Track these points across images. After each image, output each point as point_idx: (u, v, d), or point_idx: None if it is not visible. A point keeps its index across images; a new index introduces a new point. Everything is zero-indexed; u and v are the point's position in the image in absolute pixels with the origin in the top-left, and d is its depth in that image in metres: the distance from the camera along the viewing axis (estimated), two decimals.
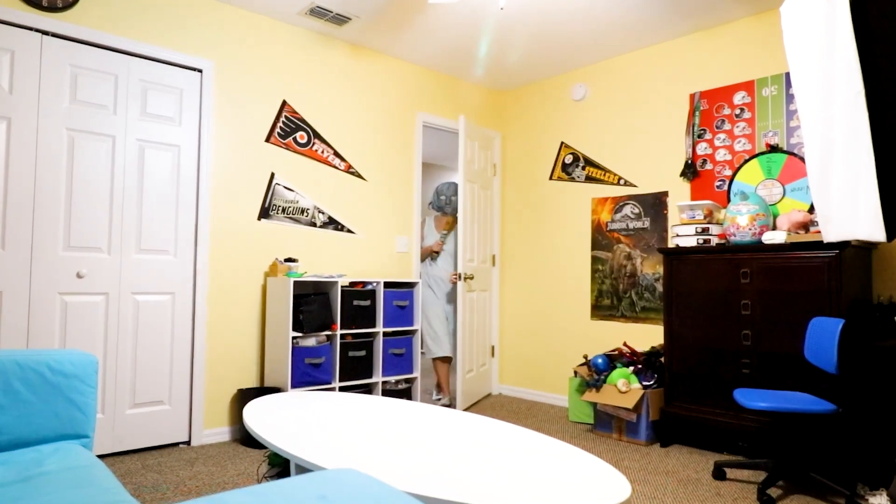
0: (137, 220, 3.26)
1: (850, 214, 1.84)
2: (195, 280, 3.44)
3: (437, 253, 4.59)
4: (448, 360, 4.55)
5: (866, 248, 3.10)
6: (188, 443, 3.40)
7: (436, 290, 4.59)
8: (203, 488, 2.71)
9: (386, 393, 3.93)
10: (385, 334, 3.99)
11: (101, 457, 3.12)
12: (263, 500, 0.67)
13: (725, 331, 3.23)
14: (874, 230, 1.74)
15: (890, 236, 1.74)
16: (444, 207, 4.60)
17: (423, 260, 4.62)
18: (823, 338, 2.62)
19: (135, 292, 3.24)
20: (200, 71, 3.49)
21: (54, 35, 3.02)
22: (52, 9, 2.99)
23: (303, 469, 2.00)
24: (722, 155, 3.78)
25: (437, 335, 4.48)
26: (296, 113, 3.88)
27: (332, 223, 4.04)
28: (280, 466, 2.59)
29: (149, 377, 3.27)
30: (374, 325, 3.84)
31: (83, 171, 3.09)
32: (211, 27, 3.53)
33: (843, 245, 2.82)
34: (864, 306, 3.02)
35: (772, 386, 3.05)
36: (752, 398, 2.61)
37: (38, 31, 2.97)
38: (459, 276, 4.33)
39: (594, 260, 4.44)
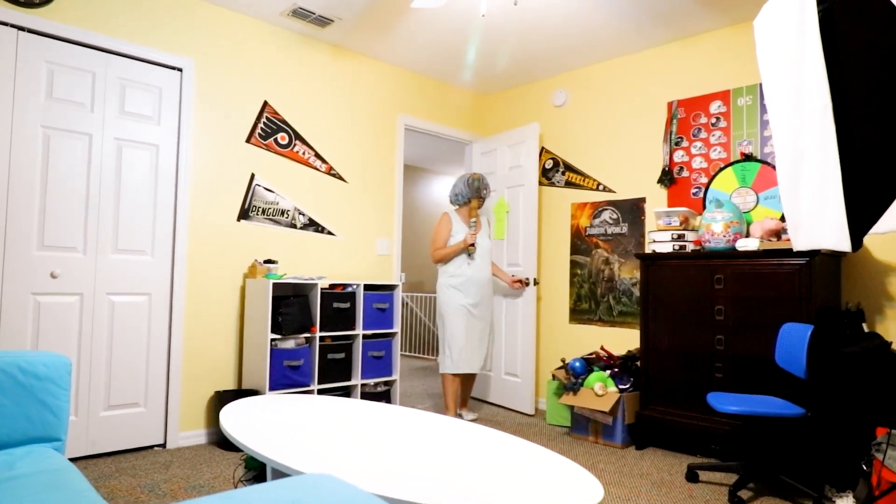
0: (114, 220, 3.22)
1: (818, 224, 1.89)
2: (172, 281, 3.41)
3: (473, 247, 3.98)
4: (472, 375, 4.18)
5: (836, 255, 3.18)
6: (164, 445, 3.36)
7: (469, 295, 3.98)
8: (178, 492, 2.68)
9: (365, 396, 3.93)
10: (365, 337, 3.98)
11: (74, 460, 3.07)
12: None
13: (699, 335, 3.30)
14: (840, 240, 1.79)
15: (855, 246, 1.80)
16: (478, 195, 4.07)
17: (449, 260, 4.03)
18: (793, 343, 2.68)
19: (110, 293, 3.20)
20: (180, 70, 3.46)
21: (31, 31, 2.97)
22: (28, 4, 2.94)
23: (279, 473, 2.00)
24: (698, 163, 3.85)
25: (465, 347, 3.95)
26: (277, 114, 3.87)
27: (312, 225, 4.03)
28: (256, 470, 2.58)
29: (124, 379, 3.23)
30: (353, 328, 3.84)
31: (59, 170, 3.04)
32: (192, 26, 3.50)
33: (814, 253, 2.90)
34: (833, 313, 3.10)
35: (744, 390, 3.11)
36: (725, 402, 2.67)
37: (13, 26, 2.92)
38: (524, 282, 4.26)
39: (573, 264, 4.49)
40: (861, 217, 1.81)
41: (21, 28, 2.94)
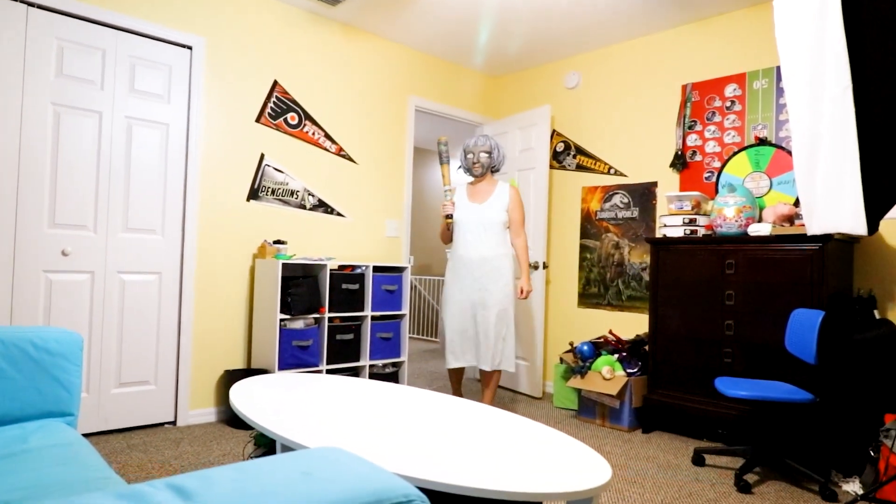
0: (124, 199, 3.23)
1: (834, 208, 1.87)
2: (182, 260, 3.42)
3: (450, 219, 3.51)
4: (490, 372, 3.47)
5: (848, 241, 3.14)
6: (174, 423, 3.41)
7: (459, 277, 3.48)
8: (188, 468, 2.72)
9: (373, 376, 3.95)
10: (373, 318, 3.99)
11: (85, 436, 3.12)
12: (249, 476, 0.68)
13: (709, 320, 3.28)
14: (856, 224, 1.77)
15: (871, 230, 1.78)
16: (440, 160, 3.59)
17: (450, 238, 3.61)
18: (804, 329, 2.66)
19: (121, 271, 3.22)
20: (190, 48, 3.44)
21: (40, 7, 2.96)
22: None
23: (288, 449, 2.02)
24: (711, 147, 3.80)
25: (450, 339, 3.47)
26: (287, 93, 3.85)
27: (321, 206, 4.02)
28: (266, 447, 2.61)
29: (134, 357, 3.26)
30: (362, 309, 3.85)
31: (69, 148, 3.05)
32: (202, 3, 3.47)
33: (826, 238, 2.86)
34: (845, 299, 3.07)
35: (752, 375, 3.10)
36: (733, 387, 2.66)
37: (23, 2, 2.91)
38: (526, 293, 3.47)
39: (582, 248, 4.47)
40: (878, 200, 1.78)
41: (31, 4, 2.93)
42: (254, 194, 3.70)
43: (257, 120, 3.71)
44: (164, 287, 3.37)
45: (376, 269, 4.02)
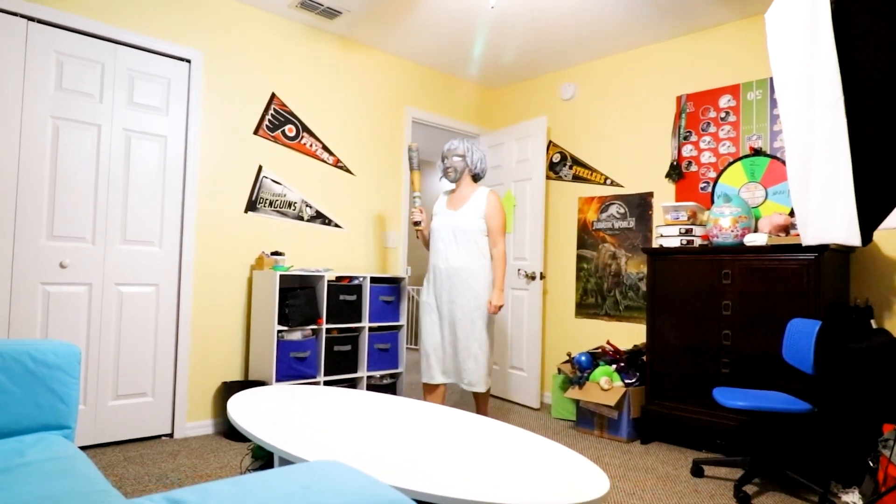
0: (123, 211, 3.24)
1: (828, 218, 1.88)
2: (180, 272, 3.42)
3: (417, 226, 3.46)
4: (478, 394, 3.30)
5: (844, 251, 3.16)
6: (171, 435, 3.39)
7: (431, 288, 3.36)
8: (186, 481, 2.70)
9: (371, 388, 3.95)
10: (371, 329, 3.99)
11: (82, 448, 3.10)
12: (247, 490, 0.68)
13: (706, 330, 3.29)
14: (850, 234, 1.78)
15: (865, 241, 1.79)
16: (410, 167, 3.55)
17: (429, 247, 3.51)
18: (801, 339, 2.67)
19: (119, 283, 3.22)
20: (189, 61, 3.46)
21: (40, 21, 2.98)
22: None
23: (286, 462, 2.01)
24: (707, 157, 3.83)
25: (424, 352, 3.32)
26: (284, 106, 3.87)
27: (319, 217, 4.04)
28: (263, 459, 2.60)
29: (132, 369, 3.25)
30: (359, 320, 3.85)
31: (68, 160, 3.06)
32: (200, 17, 3.50)
33: (822, 248, 2.88)
34: (842, 308, 3.08)
35: (750, 385, 3.10)
36: (731, 397, 2.66)
37: (23, 16, 2.93)
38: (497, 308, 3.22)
39: (579, 259, 4.48)
40: (871, 211, 1.79)
41: (31, 18, 2.95)
42: (252, 206, 3.71)
43: (255, 132, 3.73)
44: (162, 299, 3.37)
45: (374, 279, 4.02)
